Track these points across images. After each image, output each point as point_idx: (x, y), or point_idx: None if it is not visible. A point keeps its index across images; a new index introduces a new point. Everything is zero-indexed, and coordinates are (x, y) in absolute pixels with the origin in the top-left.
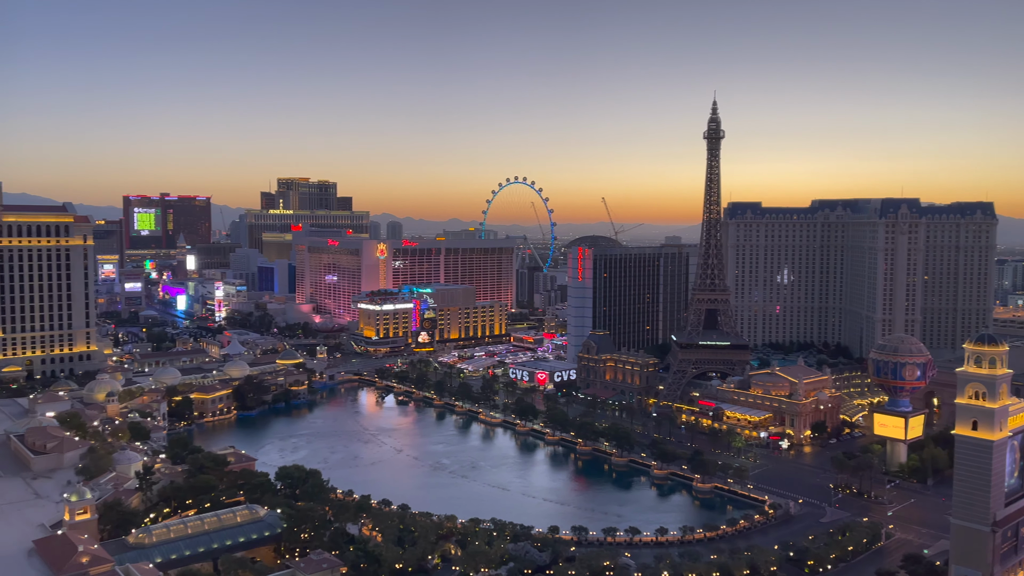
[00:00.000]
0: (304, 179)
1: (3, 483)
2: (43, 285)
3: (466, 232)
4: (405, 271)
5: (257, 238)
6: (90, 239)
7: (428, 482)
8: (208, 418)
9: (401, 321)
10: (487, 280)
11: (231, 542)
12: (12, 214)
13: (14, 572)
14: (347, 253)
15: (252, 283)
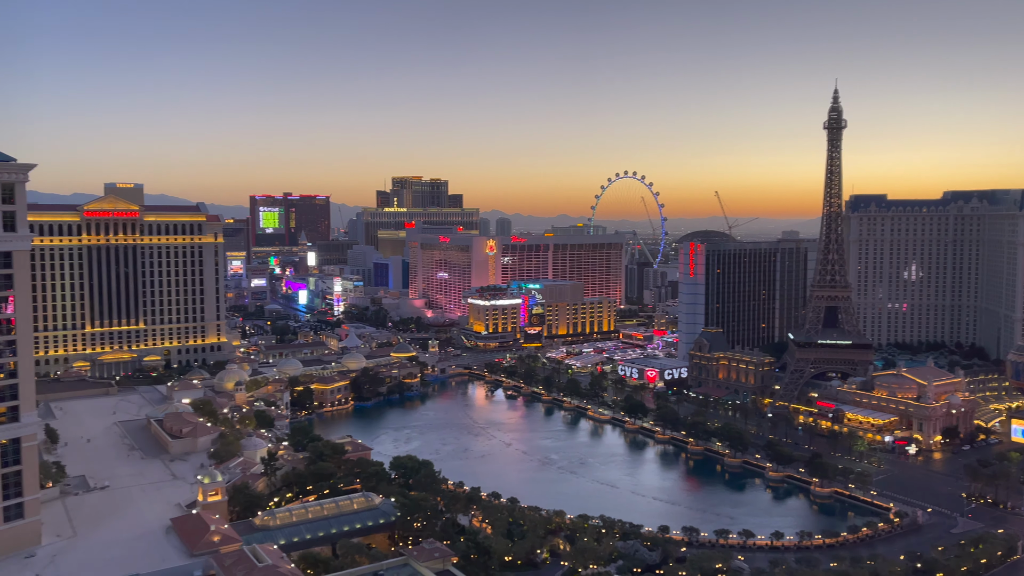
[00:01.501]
0: (417, 178)
1: (145, 464)
2: (179, 280)
3: (574, 228)
4: (514, 267)
5: (373, 235)
6: (220, 237)
7: (537, 476)
8: (327, 408)
9: (510, 316)
10: (596, 276)
11: (348, 528)
12: (152, 214)
13: (154, 546)
14: (458, 249)
15: (368, 279)
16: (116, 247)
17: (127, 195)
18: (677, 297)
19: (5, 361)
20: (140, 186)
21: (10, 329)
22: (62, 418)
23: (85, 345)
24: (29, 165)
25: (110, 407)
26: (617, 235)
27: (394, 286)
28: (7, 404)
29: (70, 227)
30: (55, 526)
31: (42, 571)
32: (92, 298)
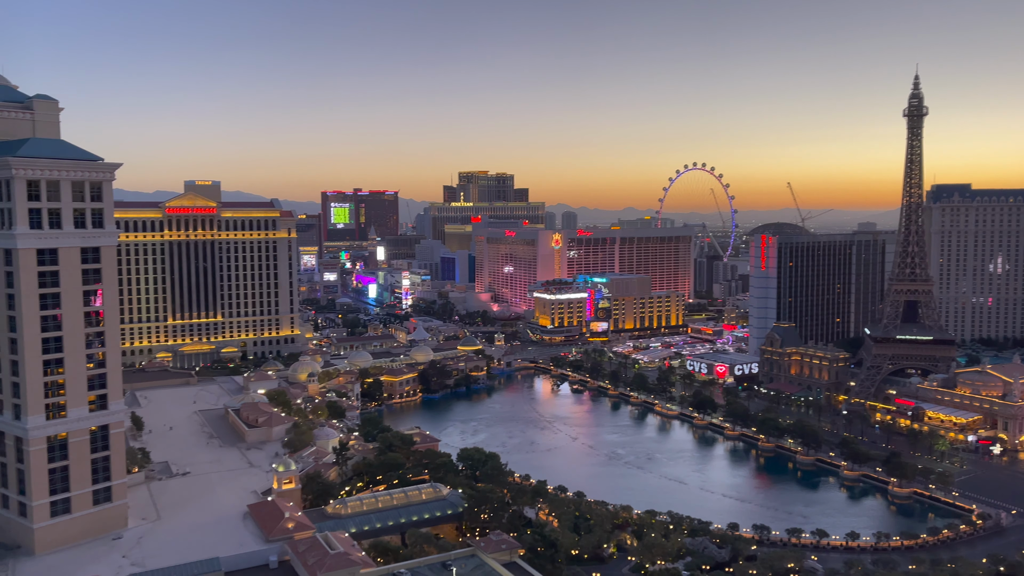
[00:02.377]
0: (483, 172)
1: (223, 452)
2: (254, 275)
3: (642, 220)
4: (580, 260)
5: (440, 230)
6: (293, 232)
7: (603, 471)
8: (396, 399)
9: (576, 310)
10: (663, 269)
11: (417, 518)
12: (229, 210)
13: (232, 531)
14: (523, 243)
15: (435, 273)
16: (195, 243)
17: (205, 192)
18: (748, 291)
19: (94, 351)
20: (217, 183)
21: (99, 321)
22: (147, 406)
23: (167, 337)
24: (115, 164)
25: (191, 396)
26: (686, 228)
27: (460, 280)
28: (96, 392)
29: (153, 223)
30: (140, 510)
31: (128, 552)
32: (173, 292)
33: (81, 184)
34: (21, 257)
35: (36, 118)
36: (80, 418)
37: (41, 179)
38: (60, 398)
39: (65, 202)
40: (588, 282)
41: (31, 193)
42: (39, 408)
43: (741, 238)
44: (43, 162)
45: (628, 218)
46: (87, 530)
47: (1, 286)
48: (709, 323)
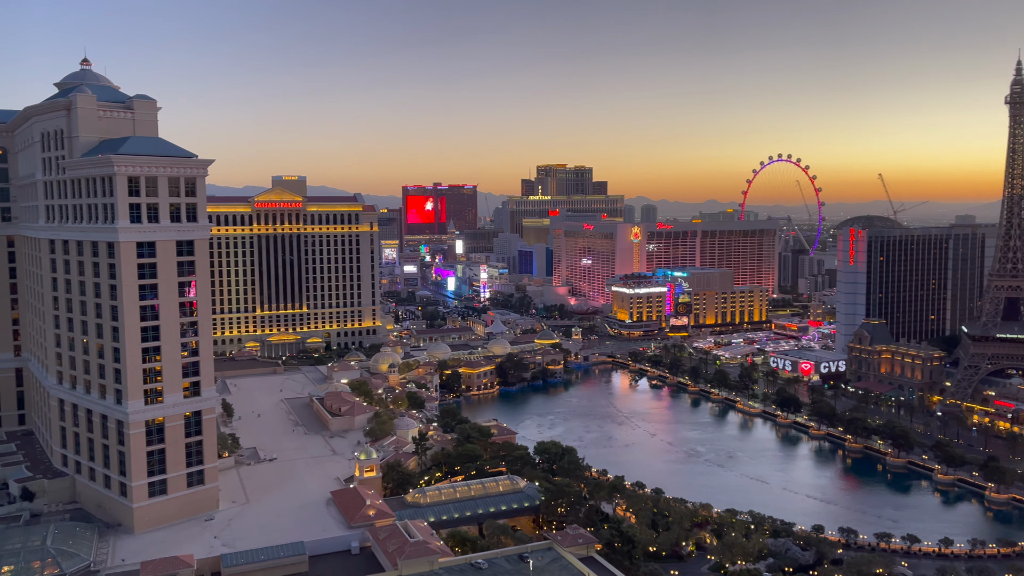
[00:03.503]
0: (561, 165)
1: (308, 439)
2: (338, 267)
3: (724, 214)
4: (659, 254)
5: (518, 223)
6: (375, 226)
7: (682, 468)
8: (474, 392)
9: (655, 304)
10: (746, 264)
11: (494, 509)
12: (314, 204)
13: (316, 517)
14: (601, 237)
15: (513, 266)
16: (282, 236)
17: (292, 187)
18: (835, 286)
19: (188, 340)
20: (303, 178)
21: (192, 311)
22: (236, 394)
23: (255, 327)
24: (208, 160)
25: (277, 385)
26: (770, 221)
27: (538, 273)
28: (190, 380)
29: (242, 217)
30: (230, 493)
31: (219, 533)
32: (261, 283)
33: (177, 180)
34: (122, 250)
35: (136, 117)
36: (175, 404)
37: (140, 175)
38: (157, 384)
39: (162, 197)
40: (668, 276)
41: (131, 189)
42: (138, 393)
43: (828, 232)
44: (142, 159)
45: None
46: (181, 511)
47: (104, 277)
48: (794, 319)
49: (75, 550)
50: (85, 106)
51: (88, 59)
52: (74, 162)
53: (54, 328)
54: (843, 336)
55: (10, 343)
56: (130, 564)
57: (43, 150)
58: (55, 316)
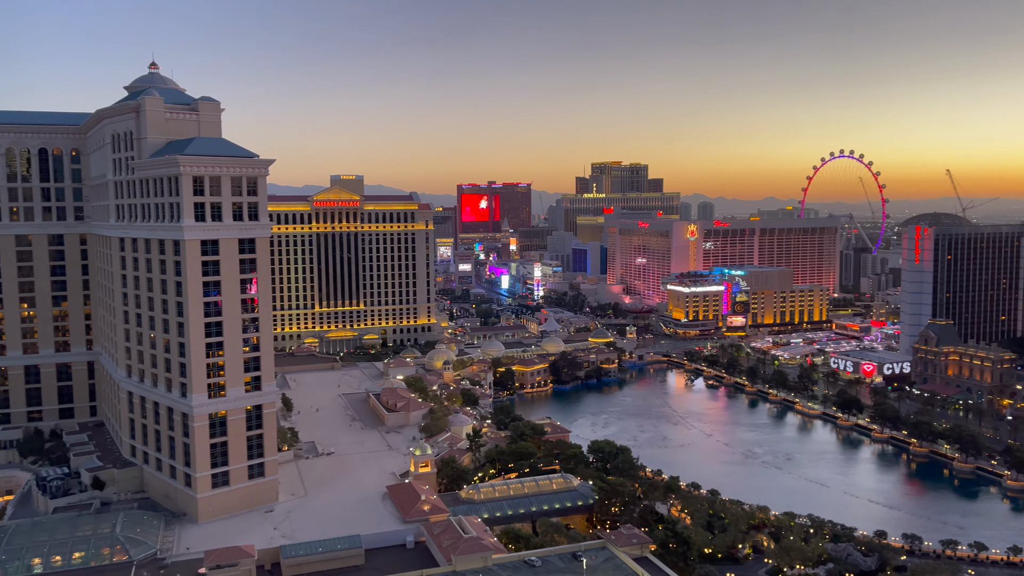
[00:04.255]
0: (616, 163)
1: (364, 434)
2: (394, 265)
3: (783, 211)
4: (716, 252)
5: (572, 221)
6: (430, 224)
7: (739, 470)
8: (527, 389)
9: (711, 303)
10: (806, 262)
11: (547, 507)
12: (371, 203)
13: (372, 510)
14: (657, 235)
15: (567, 264)
16: (340, 234)
17: (350, 186)
18: (899, 285)
19: (250, 336)
20: (360, 177)
21: (254, 308)
22: (296, 389)
23: (314, 323)
24: (269, 160)
25: (335, 380)
26: (831, 218)
27: (592, 272)
28: (251, 374)
29: (301, 216)
30: (290, 485)
31: (279, 525)
32: (320, 281)
33: (239, 179)
34: (187, 247)
35: (201, 119)
36: (237, 398)
37: (205, 175)
38: (220, 379)
39: (225, 196)
40: (725, 275)
41: (196, 188)
42: (202, 387)
43: (892, 229)
44: (206, 159)
45: (768, 208)
46: (243, 502)
47: (170, 274)
48: (856, 319)
49: (143, 538)
50: (153, 108)
51: (156, 63)
52: (142, 163)
53: (123, 323)
54: (908, 337)
55: (83, 337)
56: (194, 552)
57: (113, 151)
58: (124, 312)
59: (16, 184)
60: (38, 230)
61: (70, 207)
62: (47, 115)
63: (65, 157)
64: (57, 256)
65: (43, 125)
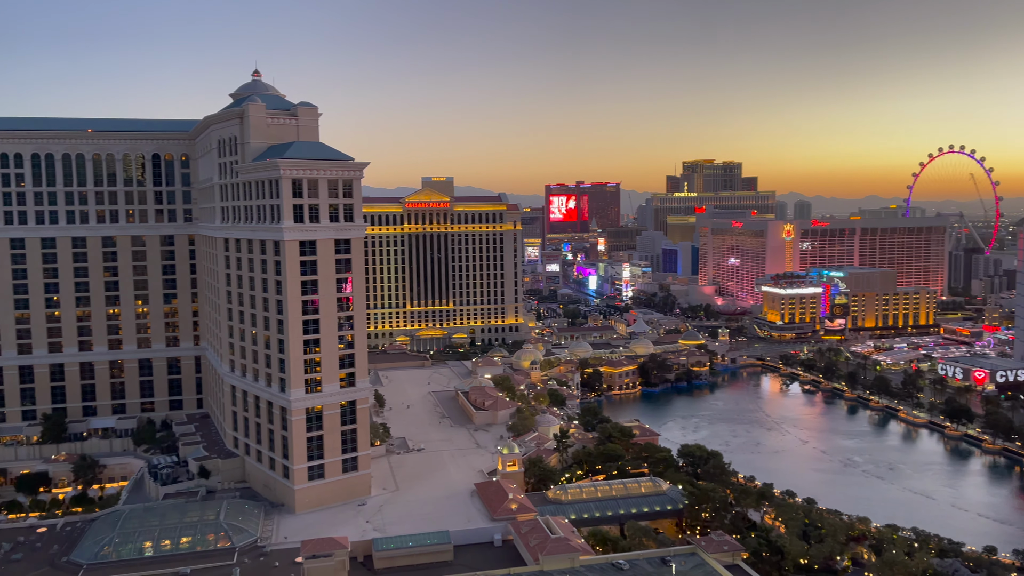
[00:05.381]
0: (708, 161)
1: (453, 431)
2: (483, 265)
3: (886, 210)
4: (814, 253)
5: (662, 221)
6: (518, 225)
7: (837, 479)
8: (615, 391)
9: (808, 306)
10: (911, 263)
11: (635, 510)
12: (461, 204)
13: (461, 507)
14: (751, 234)
15: (656, 264)
16: (431, 235)
17: (440, 188)
18: (1014, 288)
19: (345, 334)
20: (451, 179)
21: (349, 306)
22: (387, 385)
23: (405, 322)
24: (363, 163)
25: (425, 378)
26: (939, 217)
27: (683, 272)
28: (346, 371)
29: (393, 217)
30: (381, 480)
31: (371, 518)
32: (411, 280)
33: (335, 182)
34: (287, 248)
35: (299, 123)
36: (333, 393)
37: (303, 178)
38: (316, 374)
39: (322, 198)
40: (823, 276)
41: (295, 191)
42: (300, 383)
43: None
44: (305, 163)
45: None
46: (337, 495)
47: (271, 274)
48: (966, 323)
49: (244, 526)
50: (255, 114)
51: (259, 71)
52: (245, 166)
53: (228, 320)
54: (1023, 342)
55: (191, 333)
56: (292, 542)
57: (219, 156)
58: (228, 309)
59: (132, 188)
60: (151, 231)
61: (180, 209)
62: (160, 123)
63: (176, 162)
64: (168, 256)
65: (156, 132)
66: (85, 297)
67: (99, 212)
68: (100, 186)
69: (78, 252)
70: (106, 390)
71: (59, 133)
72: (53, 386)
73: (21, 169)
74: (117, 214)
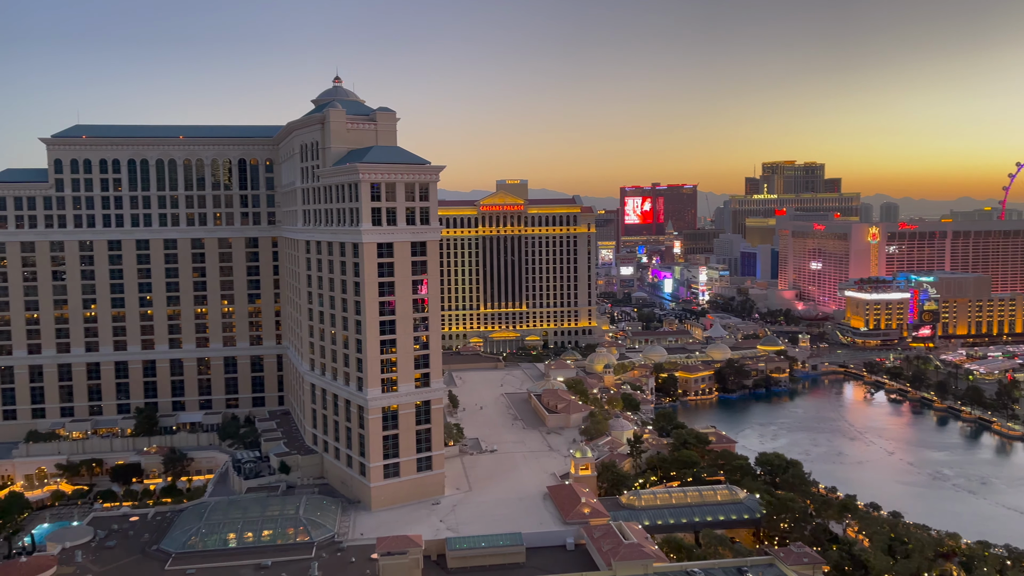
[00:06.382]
0: (789, 162)
1: (525, 433)
2: (556, 268)
3: (980, 212)
4: (901, 257)
5: (740, 223)
6: (592, 227)
7: (925, 492)
8: (691, 396)
9: (895, 312)
10: (1008, 268)
11: (711, 518)
12: (535, 207)
13: (533, 510)
14: (834, 237)
15: (734, 268)
16: (504, 237)
17: (514, 190)
18: None
19: (420, 335)
20: (525, 182)
21: (424, 308)
22: (461, 386)
23: (479, 324)
24: (439, 167)
25: (498, 380)
26: None
27: (761, 276)
28: (421, 371)
29: (468, 220)
30: (455, 480)
31: (444, 517)
32: (485, 283)
33: (412, 185)
34: (365, 250)
35: (378, 128)
36: (408, 393)
37: (381, 182)
38: (392, 374)
39: (399, 202)
40: (911, 281)
41: (373, 194)
42: (376, 382)
43: None
44: (383, 167)
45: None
46: (411, 493)
47: (349, 275)
48: None
49: (322, 521)
50: (336, 120)
51: (339, 77)
52: (327, 170)
53: (308, 320)
54: None
55: (273, 332)
56: (367, 538)
57: (301, 160)
58: (309, 309)
59: (219, 192)
60: (237, 233)
61: (264, 212)
62: (246, 128)
63: (260, 166)
64: (252, 258)
65: (242, 138)
66: (175, 297)
67: (189, 215)
68: (190, 190)
69: (169, 254)
70: (194, 386)
71: (153, 140)
72: (145, 381)
73: (118, 174)
74: (205, 217)
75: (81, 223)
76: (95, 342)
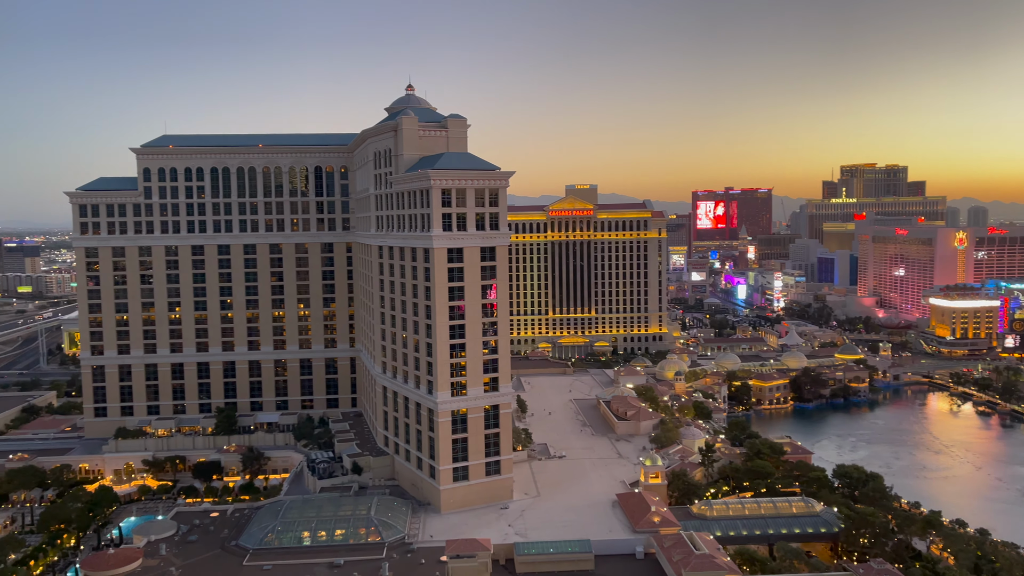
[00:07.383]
0: (870, 165)
1: (594, 440)
2: (626, 273)
3: None
4: (990, 263)
5: (817, 228)
6: (663, 232)
7: (1015, 509)
8: (765, 405)
9: (983, 320)
10: None
11: (786, 531)
12: (604, 212)
13: (602, 517)
14: (917, 243)
15: (811, 274)
16: (574, 243)
17: (583, 195)
18: None
19: (489, 339)
20: (594, 187)
21: (493, 312)
22: (529, 391)
23: (547, 329)
24: (509, 173)
25: (567, 385)
26: None
27: (840, 282)
28: (490, 375)
29: (537, 225)
30: (523, 485)
31: (513, 522)
32: (554, 288)
33: (482, 191)
34: (436, 255)
35: (449, 135)
36: (477, 397)
37: (452, 188)
38: (462, 378)
39: (469, 207)
40: (1001, 288)
41: (444, 200)
42: (446, 386)
43: None
44: (453, 173)
45: None
46: (480, 497)
47: (420, 280)
48: None
49: (393, 522)
50: (409, 127)
51: (412, 84)
52: (399, 177)
53: (380, 324)
54: None
55: (347, 335)
56: (436, 541)
57: (375, 167)
58: (381, 313)
59: (296, 198)
60: (313, 239)
61: (339, 218)
62: (321, 136)
63: (335, 173)
64: (327, 262)
65: (318, 146)
66: (254, 300)
67: (267, 221)
68: (269, 197)
69: (249, 258)
70: (271, 387)
71: (235, 148)
72: (226, 382)
73: (202, 182)
74: (283, 223)
75: (167, 229)
76: (179, 343)
